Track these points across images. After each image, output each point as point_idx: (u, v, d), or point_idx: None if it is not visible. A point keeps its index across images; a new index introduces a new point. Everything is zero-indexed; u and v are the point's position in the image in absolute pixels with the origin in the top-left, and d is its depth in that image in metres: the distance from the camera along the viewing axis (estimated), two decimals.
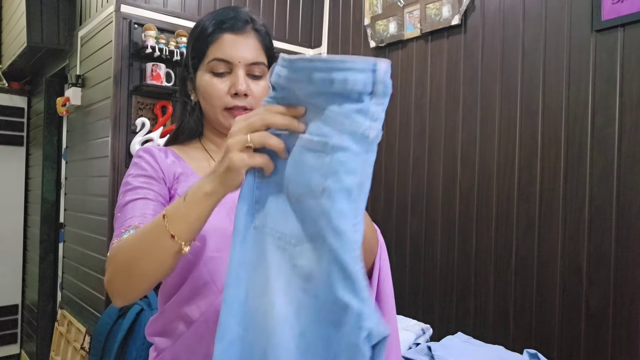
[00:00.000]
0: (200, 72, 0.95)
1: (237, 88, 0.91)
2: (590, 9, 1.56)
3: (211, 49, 0.93)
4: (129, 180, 0.90)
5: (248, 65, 0.93)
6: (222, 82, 0.93)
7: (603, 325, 1.51)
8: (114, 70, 2.16)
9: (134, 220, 0.82)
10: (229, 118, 0.94)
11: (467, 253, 1.89)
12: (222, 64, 0.92)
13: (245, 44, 0.93)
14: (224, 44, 0.92)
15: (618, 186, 1.49)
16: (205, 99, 0.95)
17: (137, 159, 0.94)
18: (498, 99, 1.81)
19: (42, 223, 3.35)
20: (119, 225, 0.83)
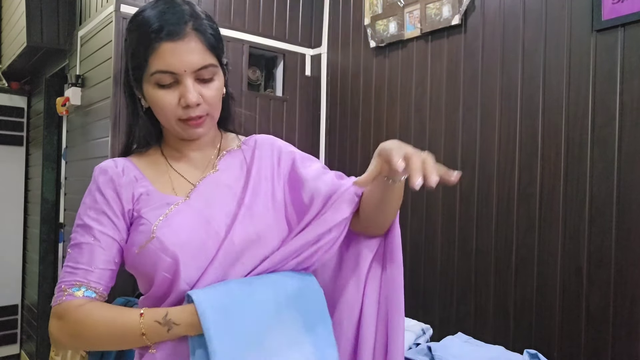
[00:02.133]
0: (145, 82, 0.87)
1: (188, 100, 0.84)
2: (591, 9, 1.56)
3: (152, 60, 0.84)
4: (81, 213, 0.88)
5: (195, 71, 0.85)
6: (170, 93, 0.85)
7: (603, 325, 1.51)
8: (113, 70, 2.16)
9: (78, 275, 0.83)
10: (186, 128, 0.88)
11: (467, 253, 1.89)
12: (167, 76, 0.84)
13: (187, 49, 0.84)
14: (165, 54, 0.83)
15: (618, 186, 1.49)
16: (157, 112, 0.89)
17: (91, 185, 0.91)
18: (498, 99, 1.81)
19: (42, 223, 3.35)
20: (64, 275, 0.84)
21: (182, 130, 0.89)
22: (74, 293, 0.82)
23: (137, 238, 0.85)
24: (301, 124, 2.66)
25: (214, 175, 0.94)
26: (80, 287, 0.82)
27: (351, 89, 2.45)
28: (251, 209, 0.90)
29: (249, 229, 0.88)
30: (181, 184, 0.92)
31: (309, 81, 2.70)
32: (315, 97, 2.67)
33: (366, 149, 2.34)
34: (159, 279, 0.83)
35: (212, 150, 0.99)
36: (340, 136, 2.50)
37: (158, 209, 0.86)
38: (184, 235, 0.84)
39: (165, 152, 0.97)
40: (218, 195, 0.91)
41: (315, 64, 2.68)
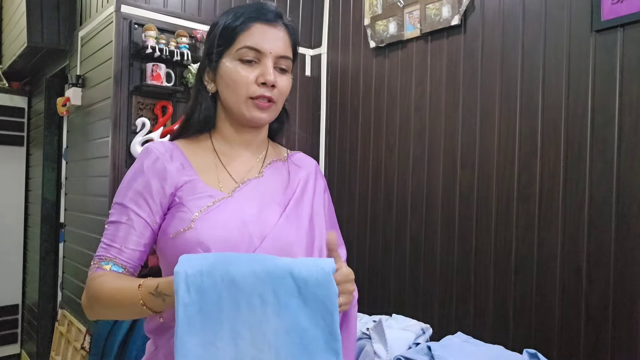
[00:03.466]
0: (225, 59, 0.93)
1: (266, 78, 0.90)
2: (590, 9, 1.56)
3: (241, 36, 0.91)
4: (122, 189, 0.91)
5: (277, 57, 0.92)
6: (250, 70, 0.91)
7: (603, 325, 1.51)
8: (114, 71, 2.16)
9: (110, 252, 0.87)
10: (252, 108, 0.92)
11: (466, 253, 1.89)
12: (252, 53, 0.91)
13: (276, 35, 0.92)
14: (255, 32, 0.91)
15: (618, 186, 1.49)
16: (230, 86, 0.93)
17: (136, 164, 0.93)
18: (498, 99, 1.82)
19: (43, 223, 3.36)
20: (100, 249, 0.89)
21: (247, 111, 0.92)
22: (103, 266, 0.87)
23: (175, 224, 0.87)
24: (301, 124, 2.66)
25: (259, 180, 0.97)
26: (109, 262, 0.86)
27: (351, 89, 2.45)
28: (290, 224, 0.93)
29: (283, 243, 0.90)
30: (226, 180, 0.95)
31: (309, 81, 2.70)
32: (315, 97, 2.68)
33: (366, 149, 2.34)
34: None
35: (259, 154, 1.02)
36: (340, 136, 2.51)
37: (200, 200, 0.89)
38: (221, 232, 0.85)
39: (215, 143, 0.99)
40: (260, 202, 0.93)
41: (315, 64, 2.68)
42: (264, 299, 0.72)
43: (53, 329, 2.80)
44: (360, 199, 2.36)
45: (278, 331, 0.72)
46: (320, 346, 0.74)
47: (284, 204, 0.95)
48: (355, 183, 2.39)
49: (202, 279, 0.71)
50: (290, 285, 0.72)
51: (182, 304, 0.70)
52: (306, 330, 0.73)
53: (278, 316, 0.72)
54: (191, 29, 2.31)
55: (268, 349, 0.71)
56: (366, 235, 2.32)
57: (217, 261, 0.72)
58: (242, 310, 0.71)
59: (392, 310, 2.12)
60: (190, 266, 0.72)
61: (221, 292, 0.71)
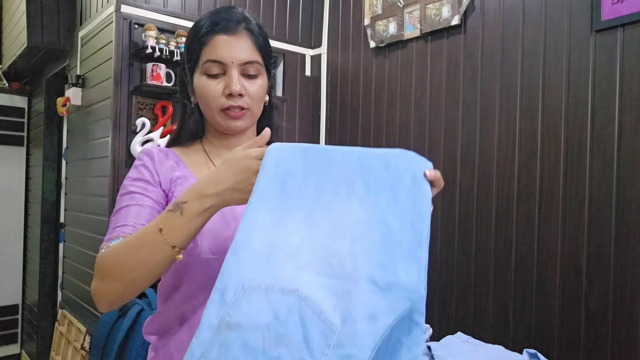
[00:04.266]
0: (196, 74, 0.96)
1: (231, 89, 0.92)
2: (590, 9, 1.56)
3: (204, 50, 0.93)
4: (126, 184, 0.92)
5: (242, 64, 0.93)
6: (216, 83, 0.93)
7: (603, 325, 1.51)
8: (114, 71, 2.16)
9: (125, 229, 0.84)
10: (226, 119, 0.95)
11: (466, 253, 1.89)
12: (216, 66, 0.93)
13: (238, 44, 0.93)
14: (217, 45, 0.93)
15: (618, 186, 1.49)
16: (202, 101, 0.96)
17: (137, 162, 0.96)
18: (498, 99, 1.82)
19: (43, 223, 3.36)
20: (110, 230, 0.86)
21: (222, 121, 0.95)
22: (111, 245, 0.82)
23: None
24: (301, 124, 2.66)
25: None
26: (119, 237, 0.82)
27: (351, 89, 2.45)
28: None
29: None
30: None
31: (309, 81, 2.70)
32: (315, 97, 2.68)
33: None
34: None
35: None
36: (340, 136, 2.51)
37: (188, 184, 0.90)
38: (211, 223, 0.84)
39: (206, 148, 1.02)
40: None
41: (315, 64, 2.68)
42: (352, 187, 0.65)
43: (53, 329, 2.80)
44: None
45: (360, 222, 0.63)
46: (403, 251, 0.67)
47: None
48: None
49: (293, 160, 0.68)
50: (383, 177, 0.65)
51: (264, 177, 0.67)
52: (392, 230, 0.66)
53: (364, 207, 0.64)
54: None
55: (343, 239, 0.63)
56: None
57: (311, 147, 0.70)
58: (325, 196, 0.65)
59: None
60: (282, 147, 0.70)
61: (308, 175, 0.66)
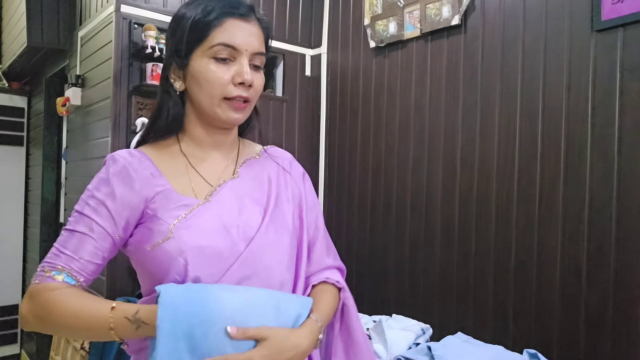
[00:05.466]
0: (197, 57, 0.86)
1: (244, 77, 0.85)
2: (590, 9, 1.56)
3: (214, 32, 0.85)
4: (83, 198, 0.86)
5: (252, 54, 0.87)
6: (225, 69, 0.85)
7: (602, 326, 1.51)
8: (113, 70, 2.16)
9: (61, 259, 0.80)
10: (227, 109, 0.87)
11: (466, 253, 1.89)
12: (227, 50, 0.85)
13: (250, 31, 0.87)
14: (229, 28, 0.85)
15: (618, 187, 1.49)
16: (203, 86, 0.86)
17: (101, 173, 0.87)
18: (498, 99, 1.81)
19: (42, 223, 3.35)
20: (56, 253, 0.81)
21: (222, 112, 0.87)
22: (54, 276, 0.79)
23: (151, 237, 0.82)
24: (301, 124, 2.66)
25: (235, 181, 0.92)
26: (62, 272, 0.79)
27: (351, 89, 2.45)
28: (274, 224, 0.89)
29: (270, 242, 0.87)
30: (200, 185, 0.89)
31: (309, 81, 2.70)
32: (315, 97, 2.67)
33: (366, 149, 2.34)
34: (168, 280, 0.80)
35: (231, 154, 0.97)
36: (340, 136, 2.50)
37: (175, 210, 0.84)
38: (203, 239, 0.82)
39: (183, 148, 0.92)
40: (239, 204, 0.89)
41: (315, 64, 2.68)
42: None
43: None
44: (360, 199, 2.36)
45: None
46: None
47: (264, 204, 0.92)
48: (355, 183, 2.39)
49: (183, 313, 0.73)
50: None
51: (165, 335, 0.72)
52: None
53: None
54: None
55: None
56: (366, 235, 2.32)
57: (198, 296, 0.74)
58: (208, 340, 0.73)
59: (392, 310, 2.12)
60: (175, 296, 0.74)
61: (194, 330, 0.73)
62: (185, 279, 0.80)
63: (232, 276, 0.82)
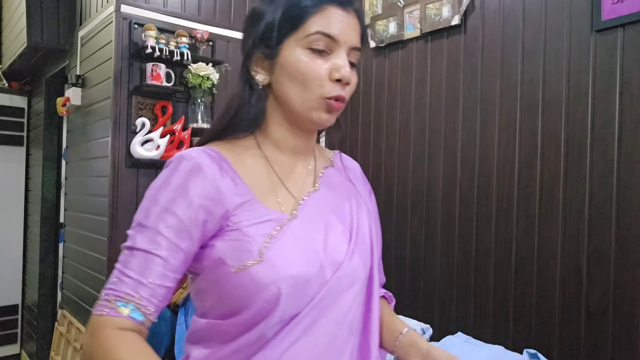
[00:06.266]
0: (289, 45, 0.75)
1: (343, 74, 0.75)
2: (590, 9, 1.56)
3: (313, 19, 0.74)
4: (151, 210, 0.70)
5: (351, 49, 0.77)
6: (322, 62, 0.74)
7: (603, 325, 1.51)
8: (114, 70, 2.16)
9: (128, 285, 0.67)
10: (322, 110, 0.76)
11: (467, 253, 1.89)
12: (325, 41, 0.74)
13: (350, 22, 0.77)
14: (331, 17, 0.75)
15: (618, 186, 1.49)
16: (298, 80, 0.75)
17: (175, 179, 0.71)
18: (498, 99, 1.81)
19: (42, 223, 3.36)
20: (116, 281, 0.68)
21: (315, 112, 0.76)
22: (119, 309, 0.66)
23: (236, 254, 0.70)
24: None
25: (317, 194, 0.82)
26: (129, 303, 0.66)
27: None
28: (359, 248, 0.80)
29: (353, 268, 0.78)
30: (285, 197, 0.78)
31: None
32: None
33: (366, 149, 2.34)
34: (255, 307, 0.69)
35: (309, 160, 0.86)
36: (340, 136, 2.50)
37: (261, 225, 0.72)
38: (296, 267, 0.71)
39: (263, 149, 0.80)
40: (325, 222, 0.78)
41: None
42: None
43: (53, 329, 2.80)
44: None
45: None
46: None
47: (348, 223, 0.82)
48: None
49: None
50: None
51: None
52: None
53: None
54: (191, 29, 2.31)
55: None
56: None
57: None
58: None
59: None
60: None
61: None
62: (274, 308, 0.69)
63: (316, 306, 0.73)
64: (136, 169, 2.22)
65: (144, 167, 2.23)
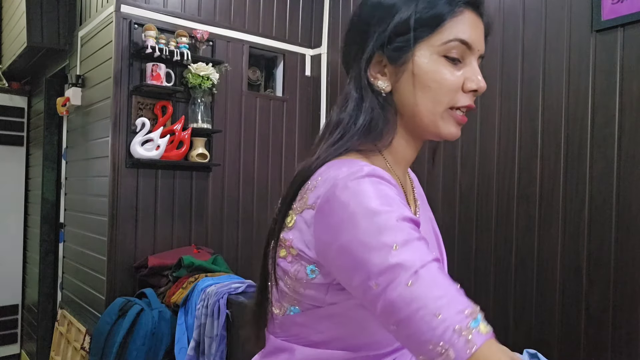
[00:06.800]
0: (421, 50, 0.68)
1: (479, 84, 0.68)
2: (590, 9, 1.56)
3: (452, 23, 0.67)
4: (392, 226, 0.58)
5: (480, 57, 0.71)
6: (455, 71, 0.68)
7: (603, 325, 1.51)
8: (114, 70, 2.16)
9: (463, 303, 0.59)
10: (449, 121, 0.69)
11: (467, 253, 1.89)
12: (461, 49, 0.68)
13: (481, 28, 0.70)
14: (468, 22, 0.68)
15: (618, 186, 1.49)
16: (431, 90, 0.67)
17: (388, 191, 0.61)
18: (498, 99, 1.81)
19: (42, 223, 3.36)
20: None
21: (444, 124, 0.69)
22: (481, 330, 0.56)
23: None
24: (301, 124, 2.66)
25: (420, 216, 0.78)
26: (477, 316, 0.57)
27: None
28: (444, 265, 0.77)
29: None
30: None
31: (309, 81, 2.70)
32: (315, 97, 2.68)
33: None
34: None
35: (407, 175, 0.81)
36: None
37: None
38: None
39: (390, 166, 0.73)
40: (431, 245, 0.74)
41: (315, 64, 2.68)
42: None
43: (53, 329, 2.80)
44: None
45: None
46: None
47: (439, 246, 0.81)
48: None
49: None
50: None
51: None
52: None
53: None
54: (191, 29, 2.31)
55: None
56: None
57: None
58: None
59: None
60: None
61: None
62: None
63: None
64: (136, 169, 2.22)
65: (144, 167, 2.23)
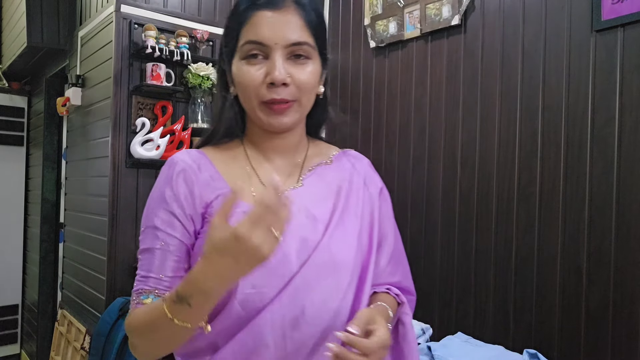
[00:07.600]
0: (234, 59, 0.80)
1: (273, 76, 0.75)
2: (590, 9, 1.56)
3: (244, 30, 0.78)
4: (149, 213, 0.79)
5: (288, 46, 0.77)
6: (256, 69, 0.77)
7: (603, 325, 1.51)
8: (114, 70, 2.17)
9: (149, 282, 0.76)
10: (269, 114, 0.79)
11: (467, 253, 1.89)
12: (256, 47, 0.77)
13: (284, 21, 0.77)
14: (258, 23, 0.77)
15: (618, 186, 1.49)
16: (241, 91, 0.80)
17: (161, 179, 0.81)
18: (498, 99, 1.81)
19: (43, 223, 3.36)
20: (137, 282, 0.78)
21: (265, 116, 0.79)
22: (143, 301, 0.75)
23: None
24: None
25: (297, 191, 0.83)
26: (149, 294, 0.75)
27: (351, 89, 2.45)
28: (335, 244, 0.80)
29: (326, 266, 0.78)
30: (260, 189, 0.81)
31: None
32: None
33: (366, 149, 2.34)
34: None
35: (297, 158, 0.88)
36: (340, 136, 2.50)
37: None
38: None
39: (247, 150, 0.86)
40: (299, 218, 0.78)
41: None
42: None
43: (53, 329, 2.80)
44: None
45: None
46: None
47: (326, 220, 0.82)
48: None
49: None
50: None
51: None
52: None
53: None
54: (191, 29, 2.31)
55: None
56: None
57: None
58: None
59: None
60: None
61: None
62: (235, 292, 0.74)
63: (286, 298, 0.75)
64: (136, 169, 2.22)
65: (144, 167, 2.24)
